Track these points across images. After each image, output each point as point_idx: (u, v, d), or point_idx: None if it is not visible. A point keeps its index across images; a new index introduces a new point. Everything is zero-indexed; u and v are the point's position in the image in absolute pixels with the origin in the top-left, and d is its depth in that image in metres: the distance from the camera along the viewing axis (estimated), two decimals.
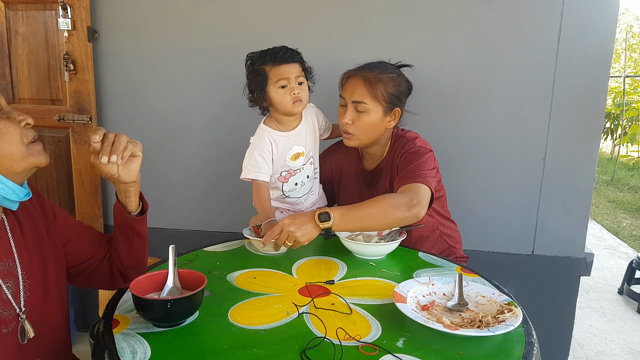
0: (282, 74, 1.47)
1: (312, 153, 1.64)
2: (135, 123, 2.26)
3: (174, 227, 2.31)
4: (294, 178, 1.61)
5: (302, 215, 1.30)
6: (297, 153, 1.59)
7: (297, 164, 1.60)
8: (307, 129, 1.61)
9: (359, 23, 2.00)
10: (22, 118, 0.92)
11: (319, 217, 1.27)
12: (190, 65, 2.16)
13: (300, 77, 1.50)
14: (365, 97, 1.51)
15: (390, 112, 1.56)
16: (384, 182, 1.62)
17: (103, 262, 1.18)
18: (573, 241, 2.05)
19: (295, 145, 1.58)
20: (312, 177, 1.67)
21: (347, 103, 1.54)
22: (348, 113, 1.53)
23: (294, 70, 1.48)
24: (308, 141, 1.61)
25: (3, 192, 0.90)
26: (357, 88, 1.52)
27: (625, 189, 6.86)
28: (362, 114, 1.52)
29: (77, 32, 2.13)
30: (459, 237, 1.78)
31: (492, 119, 2.00)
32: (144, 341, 0.93)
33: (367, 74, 1.52)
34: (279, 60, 1.47)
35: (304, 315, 1.05)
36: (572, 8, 1.88)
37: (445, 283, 1.15)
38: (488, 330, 0.95)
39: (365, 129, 1.54)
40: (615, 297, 3.30)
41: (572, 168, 1.99)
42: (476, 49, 1.97)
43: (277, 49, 1.49)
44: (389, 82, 1.53)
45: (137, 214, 1.13)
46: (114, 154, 0.97)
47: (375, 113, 1.53)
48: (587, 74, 1.91)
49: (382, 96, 1.52)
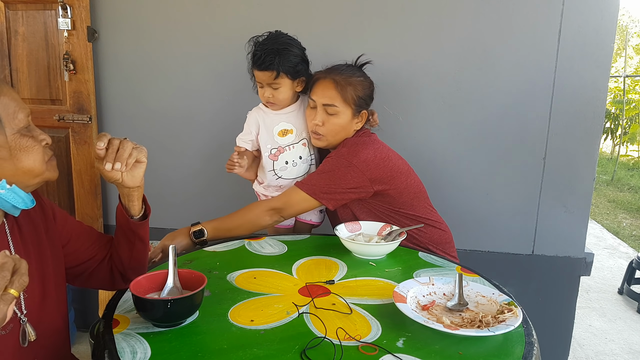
0: (258, 77, 1.60)
1: (306, 135, 1.68)
2: (135, 123, 2.25)
3: (174, 227, 2.30)
4: (284, 155, 1.67)
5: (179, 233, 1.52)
6: (285, 129, 1.66)
7: (286, 140, 1.66)
8: (299, 111, 1.68)
9: (359, 22, 2.00)
10: (42, 137, 0.97)
11: (194, 234, 1.50)
12: (190, 65, 2.16)
13: (274, 83, 1.58)
14: (336, 100, 1.54)
15: (358, 115, 1.59)
16: None
17: (103, 262, 1.18)
18: (573, 241, 2.05)
19: (283, 122, 1.66)
20: (307, 161, 1.70)
21: (316, 105, 1.57)
22: (318, 115, 1.57)
23: (265, 77, 1.58)
24: (300, 122, 1.67)
25: (14, 201, 0.93)
26: (327, 91, 1.55)
27: (625, 189, 6.86)
28: (332, 117, 1.56)
29: (77, 32, 2.13)
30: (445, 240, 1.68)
31: (492, 119, 2.00)
32: (144, 341, 0.93)
33: (337, 77, 1.55)
34: (254, 65, 1.58)
35: (304, 315, 1.05)
36: (572, 8, 1.88)
37: (445, 283, 1.15)
38: (488, 330, 0.95)
39: (334, 131, 1.58)
40: (615, 297, 3.30)
41: (572, 168, 1.99)
42: (476, 49, 1.96)
43: (257, 51, 1.56)
44: (358, 85, 1.57)
45: (139, 218, 1.13)
46: (118, 162, 0.98)
47: (345, 115, 1.56)
48: (587, 74, 1.91)
49: (352, 99, 1.55)
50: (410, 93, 2.00)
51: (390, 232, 1.47)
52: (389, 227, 1.50)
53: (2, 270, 0.71)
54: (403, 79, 2.01)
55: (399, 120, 1.75)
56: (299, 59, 1.59)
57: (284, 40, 1.58)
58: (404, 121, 1.68)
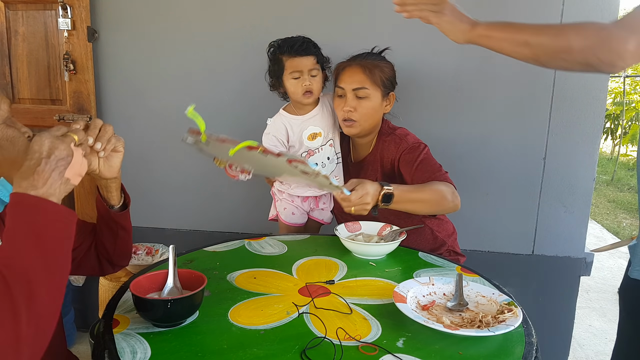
0: (296, 66, 1.58)
1: (332, 135, 1.71)
2: (135, 123, 2.25)
3: (174, 227, 2.31)
4: (314, 158, 1.68)
5: (369, 184, 1.35)
6: (314, 133, 1.67)
7: (315, 144, 1.68)
8: (323, 113, 1.69)
9: (360, 21, 2.01)
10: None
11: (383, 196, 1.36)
12: (190, 65, 2.16)
13: (313, 70, 1.60)
14: (366, 83, 1.57)
15: (386, 97, 1.63)
16: (370, 177, 1.64)
17: (90, 251, 1.18)
18: (573, 241, 2.05)
19: (311, 126, 1.67)
20: (334, 160, 1.72)
21: (345, 93, 1.59)
22: (349, 101, 1.58)
23: (308, 63, 1.58)
24: (325, 123, 1.69)
25: (1, 195, 0.92)
26: (355, 75, 1.58)
27: (625, 189, 6.85)
28: (363, 100, 1.58)
29: (77, 32, 2.13)
30: (450, 230, 1.76)
31: (492, 119, 2.00)
32: (144, 341, 0.93)
33: (363, 62, 1.59)
34: (294, 52, 1.57)
35: (304, 315, 1.05)
36: (572, 8, 1.88)
37: (445, 283, 1.15)
38: (488, 330, 0.95)
39: (367, 114, 1.60)
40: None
41: (572, 168, 1.99)
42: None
43: (294, 40, 1.59)
44: (384, 67, 1.61)
45: (119, 208, 1.14)
46: (98, 142, 0.95)
47: (375, 98, 1.59)
48: (587, 74, 1.91)
49: (380, 81, 1.59)
50: (410, 93, 2.00)
51: (390, 232, 1.48)
52: (389, 227, 1.50)
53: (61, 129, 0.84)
54: (403, 79, 1.99)
55: (399, 120, 1.75)
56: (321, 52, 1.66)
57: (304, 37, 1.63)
58: (404, 121, 1.69)
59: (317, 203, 1.78)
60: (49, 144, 0.81)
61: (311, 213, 1.81)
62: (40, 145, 0.81)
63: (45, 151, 0.81)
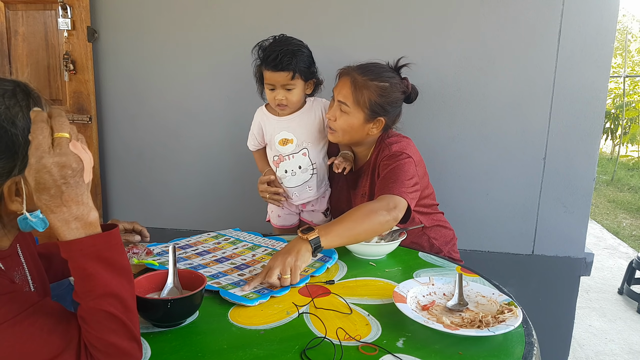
0: (270, 78, 1.55)
1: (307, 145, 1.65)
2: (135, 123, 2.26)
3: (174, 227, 2.31)
4: (284, 164, 1.66)
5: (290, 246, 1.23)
6: (285, 139, 1.64)
7: (286, 150, 1.65)
8: (303, 119, 1.64)
9: (360, 22, 2.01)
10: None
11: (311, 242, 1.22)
12: (190, 65, 2.16)
13: (288, 84, 1.55)
14: (348, 100, 1.50)
15: (372, 120, 1.52)
16: (363, 184, 1.63)
17: None
18: (573, 241, 2.05)
19: (284, 131, 1.63)
20: (307, 171, 1.67)
21: (333, 100, 1.56)
22: (333, 109, 1.54)
23: (280, 79, 1.54)
24: (302, 131, 1.64)
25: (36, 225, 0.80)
26: (343, 88, 1.52)
27: (625, 189, 6.86)
28: (344, 114, 1.52)
29: (77, 32, 2.13)
30: (449, 237, 1.71)
31: (492, 119, 2.00)
32: (144, 341, 0.93)
33: (358, 77, 1.50)
34: (267, 65, 1.53)
35: (304, 315, 1.05)
36: (572, 8, 1.88)
37: (445, 283, 1.15)
38: (488, 330, 0.95)
39: (344, 129, 1.54)
40: (615, 297, 3.30)
41: (572, 168, 1.99)
42: (476, 49, 1.97)
43: (271, 52, 1.52)
44: (376, 90, 1.49)
45: None
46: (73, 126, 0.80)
47: (356, 118, 1.51)
48: (587, 74, 1.91)
49: (364, 103, 1.49)
50: None
51: (390, 232, 1.47)
52: None
53: (36, 122, 0.70)
54: None
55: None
56: (311, 60, 1.59)
57: (295, 42, 1.57)
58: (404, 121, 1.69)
59: (304, 204, 1.75)
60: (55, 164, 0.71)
61: (302, 214, 1.80)
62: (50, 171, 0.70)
63: (57, 174, 0.71)
